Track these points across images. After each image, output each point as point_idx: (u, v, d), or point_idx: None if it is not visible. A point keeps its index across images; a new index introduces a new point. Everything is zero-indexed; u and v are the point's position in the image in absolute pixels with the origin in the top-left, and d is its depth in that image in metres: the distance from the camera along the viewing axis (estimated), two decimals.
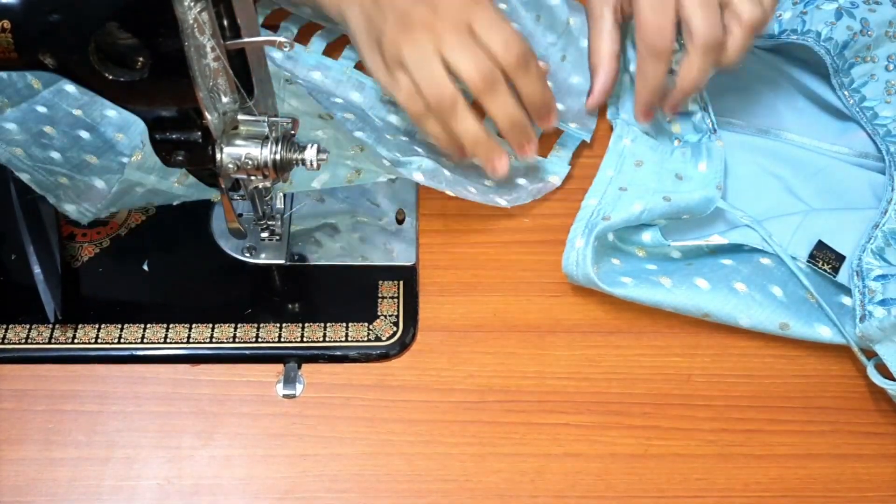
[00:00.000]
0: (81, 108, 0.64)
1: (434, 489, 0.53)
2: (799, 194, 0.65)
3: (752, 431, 0.55)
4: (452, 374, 0.57)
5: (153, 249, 0.61)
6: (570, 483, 0.53)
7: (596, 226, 0.59)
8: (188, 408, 0.55)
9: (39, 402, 0.55)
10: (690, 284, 0.58)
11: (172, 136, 0.48)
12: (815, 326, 0.57)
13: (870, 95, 0.66)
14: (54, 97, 0.63)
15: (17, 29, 0.44)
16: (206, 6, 0.44)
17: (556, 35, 0.73)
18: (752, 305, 0.57)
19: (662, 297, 0.57)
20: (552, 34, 0.73)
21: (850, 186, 0.65)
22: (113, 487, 0.52)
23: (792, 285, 0.59)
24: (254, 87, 0.49)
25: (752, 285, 0.58)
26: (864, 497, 0.54)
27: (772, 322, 0.57)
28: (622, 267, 0.60)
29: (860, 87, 0.67)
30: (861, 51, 0.66)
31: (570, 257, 0.59)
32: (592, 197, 0.62)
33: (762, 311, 0.57)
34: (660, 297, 0.57)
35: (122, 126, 0.64)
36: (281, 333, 0.57)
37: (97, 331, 0.57)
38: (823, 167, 0.66)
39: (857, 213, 0.61)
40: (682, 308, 0.57)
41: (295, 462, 0.53)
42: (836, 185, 0.65)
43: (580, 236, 0.59)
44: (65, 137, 0.62)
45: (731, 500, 0.53)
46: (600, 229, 0.59)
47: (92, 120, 0.64)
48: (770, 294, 0.58)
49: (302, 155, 0.51)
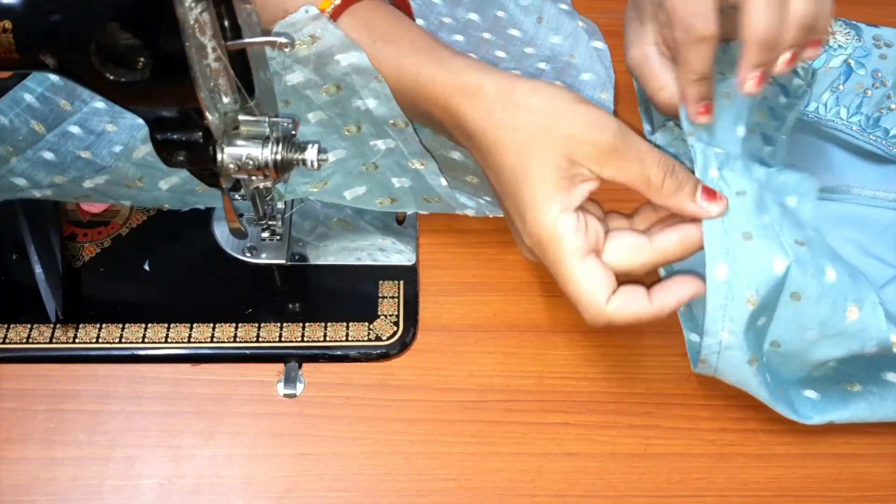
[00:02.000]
0: (88, 148, 0.60)
1: (434, 488, 0.53)
2: (877, 254, 0.62)
3: (752, 431, 0.55)
4: (452, 374, 0.57)
5: (154, 249, 0.61)
6: (570, 482, 0.53)
7: (745, 315, 0.48)
8: (189, 407, 0.55)
9: (40, 402, 0.55)
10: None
11: (173, 137, 0.48)
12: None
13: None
14: (59, 140, 0.60)
15: (18, 29, 0.44)
16: (207, 7, 0.44)
17: (563, 36, 0.73)
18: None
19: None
20: (557, 35, 0.73)
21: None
22: (114, 487, 0.52)
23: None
24: (254, 87, 0.49)
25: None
26: (863, 497, 0.54)
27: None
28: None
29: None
30: (882, 101, 0.65)
31: (711, 347, 0.50)
32: (717, 262, 0.49)
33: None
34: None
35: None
36: (281, 333, 0.57)
37: (98, 330, 0.57)
38: (890, 222, 0.63)
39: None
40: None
41: (295, 461, 0.53)
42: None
43: (724, 330, 0.49)
44: (75, 184, 0.61)
45: (730, 500, 0.53)
46: (751, 319, 0.48)
47: (101, 160, 0.60)
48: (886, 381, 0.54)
49: (303, 155, 0.51)
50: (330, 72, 0.56)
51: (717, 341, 0.50)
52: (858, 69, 0.66)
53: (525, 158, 0.50)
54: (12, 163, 0.59)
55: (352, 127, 0.58)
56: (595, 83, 0.71)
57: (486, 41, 0.74)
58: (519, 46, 0.74)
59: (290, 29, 0.54)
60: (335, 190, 0.61)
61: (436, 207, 0.61)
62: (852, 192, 0.65)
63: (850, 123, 0.66)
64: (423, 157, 0.58)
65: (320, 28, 0.53)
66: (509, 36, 0.75)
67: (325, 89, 0.57)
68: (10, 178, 0.59)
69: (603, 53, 0.73)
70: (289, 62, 0.55)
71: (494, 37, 0.75)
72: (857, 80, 0.66)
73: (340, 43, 0.54)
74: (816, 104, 0.67)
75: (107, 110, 0.62)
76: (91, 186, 0.60)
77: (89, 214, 0.62)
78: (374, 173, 0.60)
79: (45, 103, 0.60)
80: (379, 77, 0.55)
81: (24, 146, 0.60)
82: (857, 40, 0.67)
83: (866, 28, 0.69)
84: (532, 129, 0.50)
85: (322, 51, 0.54)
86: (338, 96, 0.57)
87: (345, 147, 0.60)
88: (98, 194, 0.61)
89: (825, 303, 0.50)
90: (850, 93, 0.66)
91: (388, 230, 0.63)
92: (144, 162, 0.59)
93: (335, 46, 0.54)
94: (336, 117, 0.58)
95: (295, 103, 0.58)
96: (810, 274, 0.49)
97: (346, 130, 0.59)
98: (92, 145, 0.61)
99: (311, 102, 0.58)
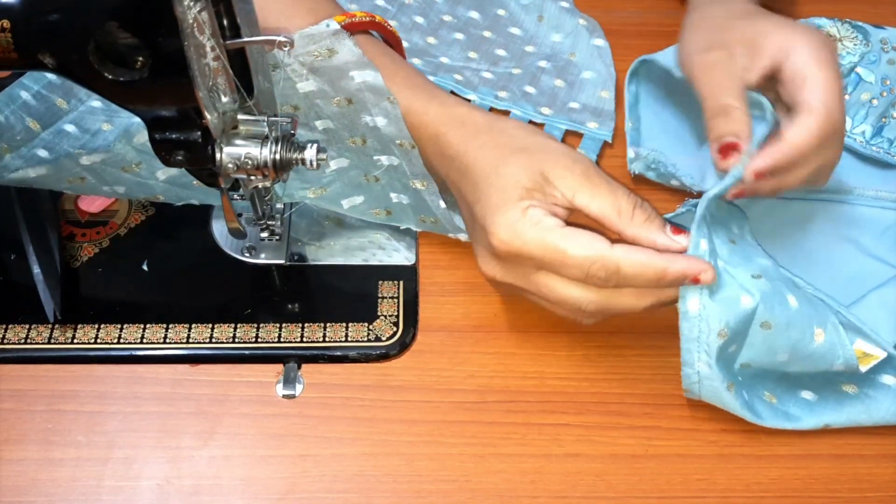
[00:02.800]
0: (83, 147, 0.61)
1: (434, 489, 0.53)
2: (877, 254, 0.62)
3: (753, 431, 0.55)
4: (453, 375, 0.57)
5: (153, 249, 0.61)
6: (571, 483, 0.53)
7: (717, 347, 0.50)
8: (188, 408, 0.55)
9: (39, 403, 0.54)
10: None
11: (172, 136, 0.48)
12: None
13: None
14: (54, 138, 0.61)
15: (17, 28, 0.44)
16: (205, 6, 0.44)
17: (564, 34, 0.73)
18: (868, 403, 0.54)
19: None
20: (558, 33, 0.73)
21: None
22: (112, 488, 0.52)
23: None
24: (253, 86, 0.49)
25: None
26: (864, 497, 0.53)
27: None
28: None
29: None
30: (887, 110, 0.64)
31: (690, 377, 0.52)
32: (690, 295, 0.50)
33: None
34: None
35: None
36: (281, 333, 0.57)
37: (97, 331, 0.57)
38: (892, 222, 0.63)
39: None
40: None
41: (295, 462, 0.53)
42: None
43: (700, 361, 0.51)
44: (71, 161, 0.60)
45: (731, 501, 0.53)
46: (721, 349, 0.50)
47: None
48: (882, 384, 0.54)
49: (302, 154, 0.51)
50: (343, 85, 0.56)
51: (694, 371, 0.51)
52: (867, 76, 0.66)
53: (501, 167, 0.51)
54: (6, 159, 0.59)
55: (357, 139, 0.58)
56: (596, 81, 0.71)
57: (486, 39, 0.74)
58: (519, 45, 0.74)
59: (308, 40, 0.54)
60: (333, 198, 0.61)
61: (430, 227, 0.61)
62: (854, 193, 0.65)
63: (854, 136, 0.65)
64: (424, 178, 0.58)
65: (339, 43, 0.54)
66: (510, 34, 0.75)
67: (335, 101, 0.57)
68: (3, 174, 0.59)
69: (604, 51, 0.73)
70: (304, 70, 0.55)
71: (495, 35, 0.75)
72: (865, 88, 0.65)
73: (357, 60, 0.54)
74: None
75: (103, 109, 0.62)
76: (87, 164, 0.59)
77: (88, 214, 0.62)
78: (374, 185, 0.60)
79: (42, 101, 0.60)
80: (391, 98, 0.55)
81: (19, 143, 0.60)
82: (865, 45, 0.67)
83: (873, 30, 0.69)
84: (511, 148, 0.52)
85: (339, 65, 0.55)
86: (348, 109, 0.57)
87: (348, 157, 0.60)
88: (93, 176, 0.60)
89: (794, 328, 0.51)
90: (855, 103, 0.66)
91: (388, 230, 0.63)
92: (145, 148, 0.58)
93: (351, 63, 0.54)
94: (343, 129, 0.58)
95: (304, 110, 0.58)
96: (776, 302, 0.50)
97: (352, 142, 0.59)
98: (87, 144, 0.61)
99: (320, 111, 0.58)
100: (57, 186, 0.61)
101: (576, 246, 0.48)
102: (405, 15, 0.75)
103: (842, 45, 0.67)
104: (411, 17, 0.75)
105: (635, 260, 0.48)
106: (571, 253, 0.48)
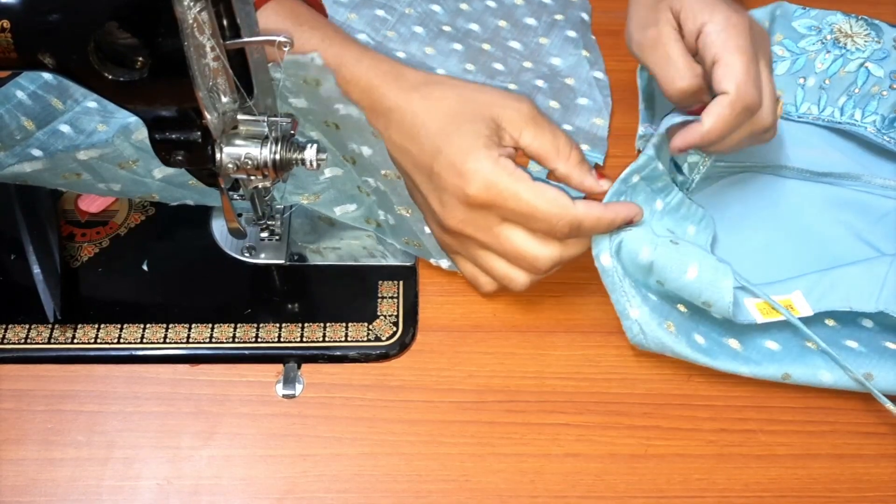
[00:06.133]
0: (77, 147, 0.60)
1: (434, 489, 0.53)
2: (869, 240, 0.63)
3: (752, 431, 0.55)
4: (452, 374, 0.57)
5: (153, 249, 0.61)
6: (570, 483, 0.53)
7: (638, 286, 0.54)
8: (188, 408, 0.55)
9: (39, 403, 0.54)
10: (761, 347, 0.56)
11: (172, 136, 0.48)
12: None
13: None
14: (49, 138, 0.61)
15: (17, 28, 0.44)
16: (205, 6, 0.44)
17: (563, 59, 0.73)
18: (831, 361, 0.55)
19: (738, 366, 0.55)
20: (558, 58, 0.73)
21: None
22: (112, 488, 0.52)
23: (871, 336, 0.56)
24: (253, 86, 0.49)
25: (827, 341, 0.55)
26: (863, 497, 0.54)
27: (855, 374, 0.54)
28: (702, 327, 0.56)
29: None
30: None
31: (632, 329, 0.55)
32: (602, 251, 0.54)
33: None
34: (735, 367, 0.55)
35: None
36: (280, 333, 0.57)
37: (96, 331, 0.57)
38: (891, 210, 0.64)
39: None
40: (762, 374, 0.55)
41: (295, 462, 0.53)
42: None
43: (631, 308, 0.54)
44: (67, 156, 0.60)
45: (730, 501, 0.53)
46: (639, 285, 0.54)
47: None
48: (846, 347, 0.55)
49: (301, 155, 0.51)
50: (331, 112, 0.56)
51: (633, 322, 0.55)
52: (876, 71, 0.66)
53: (456, 119, 0.53)
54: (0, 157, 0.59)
55: (348, 156, 0.58)
56: (591, 108, 0.70)
57: (484, 52, 0.73)
58: (518, 60, 0.73)
59: (296, 66, 0.53)
60: (326, 204, 0.61)
61: (413, 251, 0.61)
62: (862, 180, 0.66)
63: (865, 124, 0.66)
64: (410, 207, 0.58)
65: (323, 77, 0.53)
66: (509, 48, 0.74)
67: (325, 122, 0.57)
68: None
69: (602, 83, 0.72)
70: (296, 89, 0.55)
71: (493, 48, 0.74)
72: (874, 81, 0.66)
73: (339, 96, 0.54)
74: (832, 108, 0.67)
75: (98, 110, 0.62)
76: (84, 160, 0.59)
77: (87, 214, 0.62)
78: (366, 198, 0.60)
79: (37, 101, 0.60)
80: (376, 134, 0.55)
81: (13, 142, 0.60)
82: (877, 42, 0.67)
83: (888, 28, 0.69)
84: (458, 99, 0.54)
85: (325, 97, 0.55)
86: (336, 134, 0.57)
87: (340, 167, 0.60)
88: (89, 173, 0.60)
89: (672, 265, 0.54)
90: (865, 95, 0.66)
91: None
92: (143, 145, 0.58)
93: (334, 98, 0.54)
94: (333, 145, 0.58)
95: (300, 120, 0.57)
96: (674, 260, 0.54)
97: (343, 157, 0.59)
98: (81, 145, 0.60)
99: (313, 122, 0.58)
100: (52, 182, 0.61)
101: (546, 201, 0.51)
102: (404, 25, 0.74)
103: (852, 41, 0.68)
104: (410, 27, 0.74)
105: (592, 214, 0.52)
106: (542, 207, 0.51)
